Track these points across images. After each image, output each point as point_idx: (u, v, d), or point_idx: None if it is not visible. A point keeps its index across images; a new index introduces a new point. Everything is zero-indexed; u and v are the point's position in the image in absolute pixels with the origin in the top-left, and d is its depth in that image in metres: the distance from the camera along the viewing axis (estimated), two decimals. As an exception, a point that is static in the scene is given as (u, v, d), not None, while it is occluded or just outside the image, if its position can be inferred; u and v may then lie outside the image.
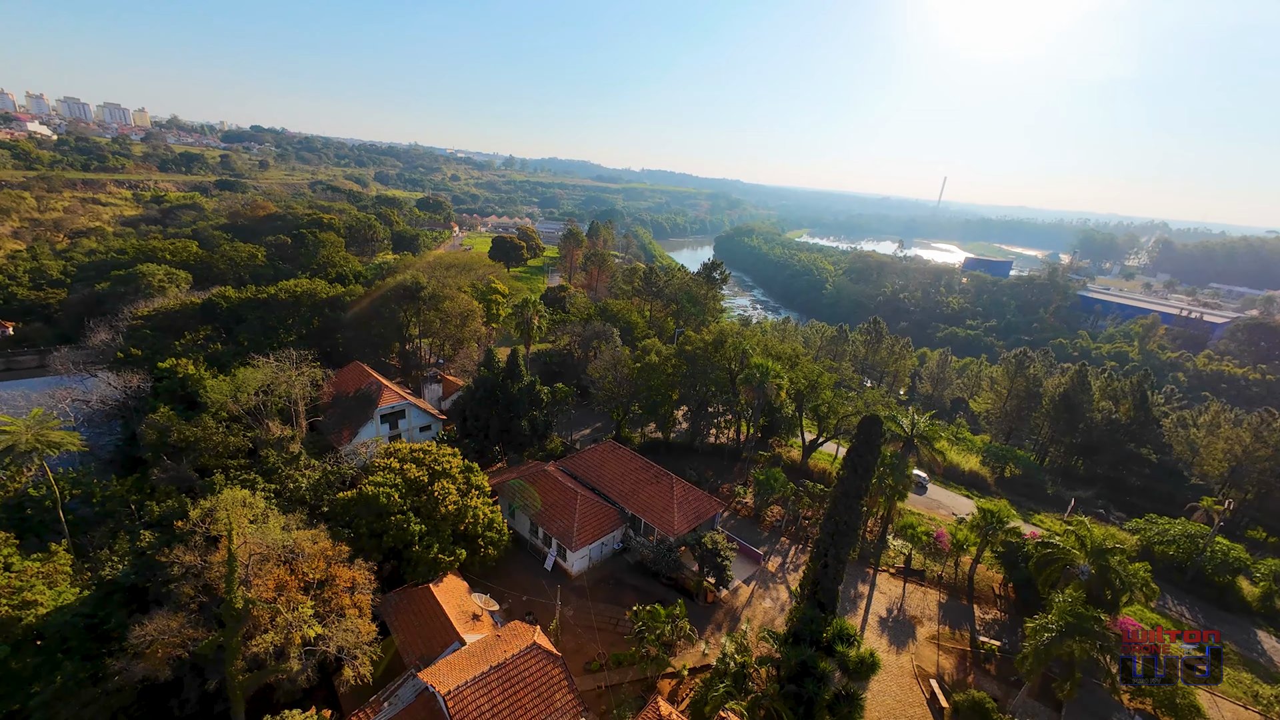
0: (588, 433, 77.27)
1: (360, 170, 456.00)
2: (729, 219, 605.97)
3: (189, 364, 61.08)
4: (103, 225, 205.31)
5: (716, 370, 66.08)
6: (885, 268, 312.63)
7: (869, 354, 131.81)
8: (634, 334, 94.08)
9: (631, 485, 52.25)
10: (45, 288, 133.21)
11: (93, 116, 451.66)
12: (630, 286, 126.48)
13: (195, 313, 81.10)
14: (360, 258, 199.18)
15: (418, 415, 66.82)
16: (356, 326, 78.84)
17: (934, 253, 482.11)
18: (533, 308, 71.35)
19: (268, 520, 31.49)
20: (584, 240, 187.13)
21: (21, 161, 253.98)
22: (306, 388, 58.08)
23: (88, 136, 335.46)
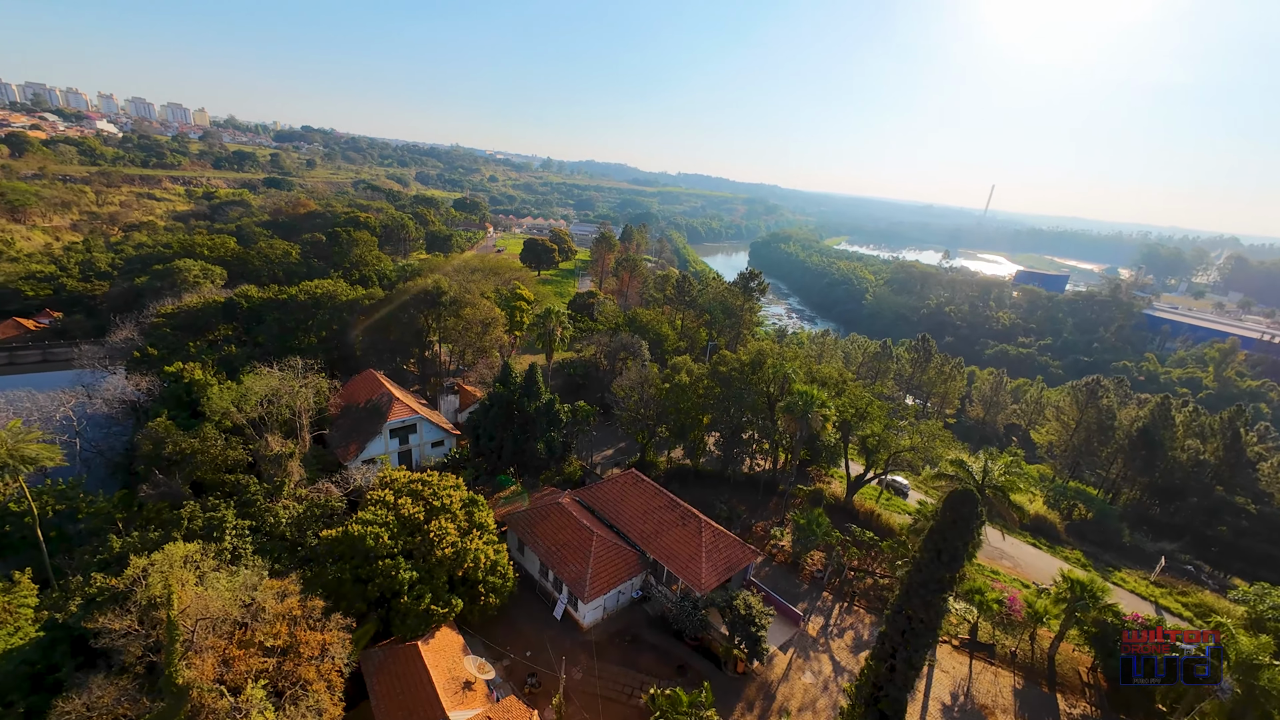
0: (610, 453, 71.54)
1: (402, 170, 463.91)
2: (765, 224, 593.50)
3: (196, 368, 58.05)
4: (154, 220, 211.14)
5: (753, 394, 59.40)
6: (930, 279, 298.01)
7: (916, 373, 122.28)
8: (663, 347, 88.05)
9: (655, 526, 46.14)
10: (93, 279, 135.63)
11: (156, 116, 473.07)
12: (662, 294, 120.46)
13: (217, 312, 78.97)
14: (394, 257, 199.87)
15: (430, 430, 62.33)
16: (375, 331, 75.23)
17: (980, 264, 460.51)
18: (556, 318, 66.25)
19: (221, 578, 26.68)
20: (616, 244, 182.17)
21: (87, 158, 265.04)
22: (310, 399, 54.13)
23: (150, 135, 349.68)
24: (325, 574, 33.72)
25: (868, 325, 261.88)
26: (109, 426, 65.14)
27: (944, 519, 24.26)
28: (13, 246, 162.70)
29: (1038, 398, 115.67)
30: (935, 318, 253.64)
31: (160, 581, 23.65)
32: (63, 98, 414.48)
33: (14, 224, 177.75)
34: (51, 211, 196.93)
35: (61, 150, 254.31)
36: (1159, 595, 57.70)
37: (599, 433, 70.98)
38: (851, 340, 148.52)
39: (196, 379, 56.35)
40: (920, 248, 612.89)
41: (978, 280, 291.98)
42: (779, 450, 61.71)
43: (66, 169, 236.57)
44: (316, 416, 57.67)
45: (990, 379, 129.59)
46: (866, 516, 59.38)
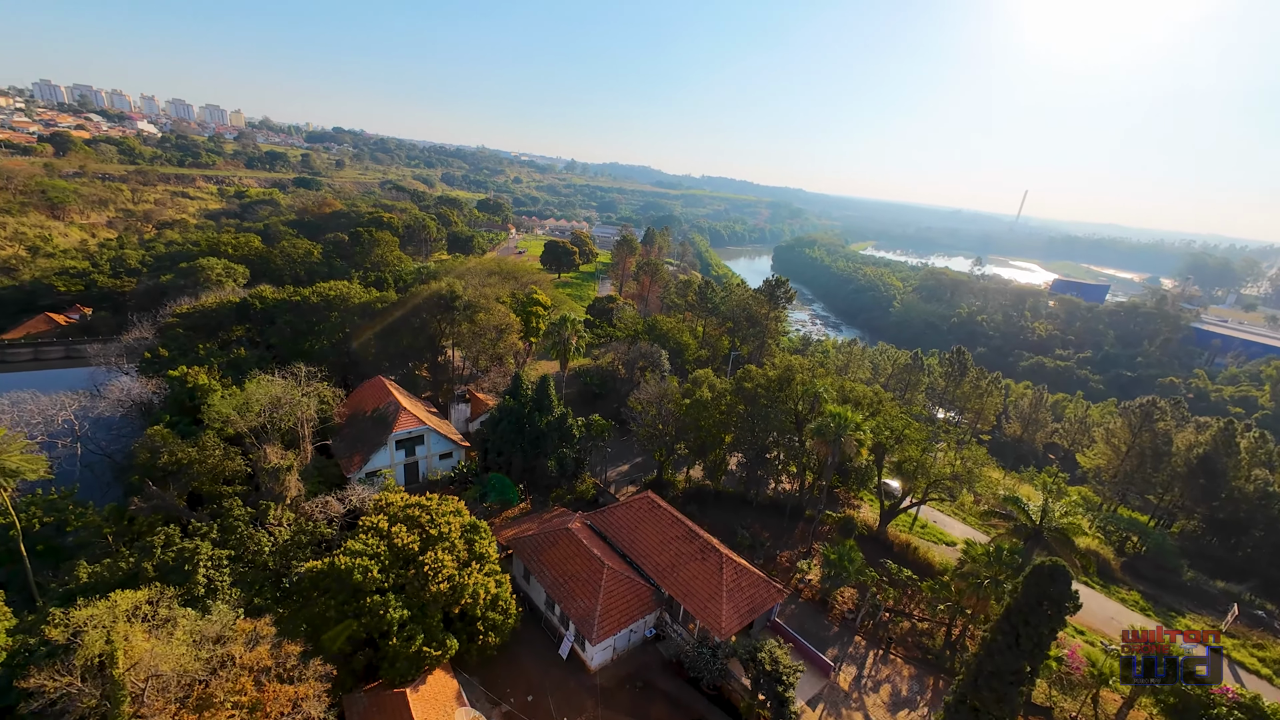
0: (625, 469, 67.77)
1: (428, 171, 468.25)
2: (789, 228, 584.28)
3: (200, 373, 56.11)
4: (186, 218, 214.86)
5: (780, 414, 55.05)
6: (960, 286, 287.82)
7: (949, 387, 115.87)
8: (684, 356, 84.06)
9: (671, 559, 42.21)
10: (122, 276, 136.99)
11: (195, 117, 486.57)
12: (683, 300, 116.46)
13: (231, 312, 77.61)
14: (416, 257, 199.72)
15: (437, 441, 59.40)
16: (386, 336, 72.81)
17: (1013, 271, 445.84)
18: (570, 327, 62.84)
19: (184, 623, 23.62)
20: (638, 247, 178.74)
21: (126, 157, 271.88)
22: (313, 409, 51.57)
23: (187, 135, 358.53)
24: (309, 610, 30.68)
25: (895, 333, 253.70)
26: (121, 428, 63.79)
27: (1026, 598, 19.88)
28: (50, 243, 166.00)
29: (1081, 416, 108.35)
30: (966, 327, 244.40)
31: (99, 639, 20.66)
32: (108, 99, 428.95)
33: (53, 220, 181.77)
34: (89, 209, 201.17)
35: (102, 149, 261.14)
36: (1231, 648, 51.63)
37: (615, 446, 67.33)
38: (880, 350, 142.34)
39: (200, 384, 54.37)
40: (949, 254, 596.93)
41: (1011, 289, 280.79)
42: (806, 473, 57.18)
43: (106, 167, 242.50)
44: (320, 426, 55.18)
45: (1030, 395, 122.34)
46: (902, 549, 54.46)
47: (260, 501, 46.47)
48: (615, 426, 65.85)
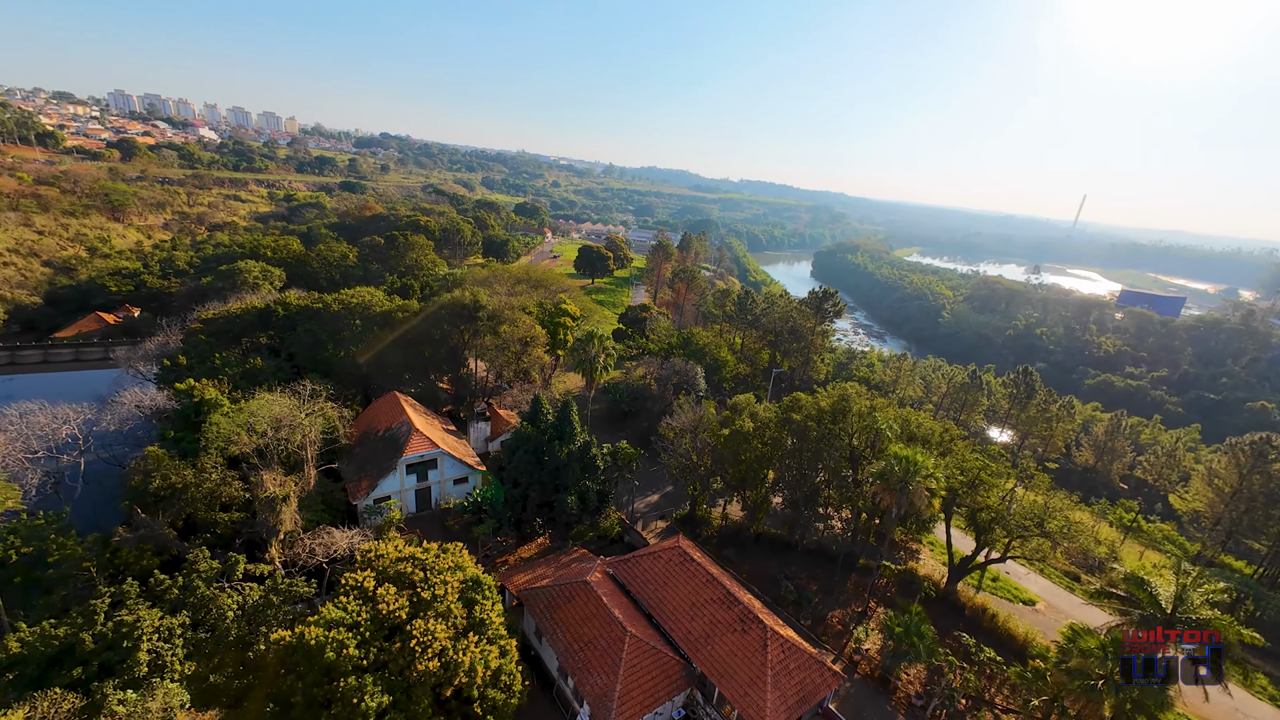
0: (655, 499, 61.46)
1: (469, 175, 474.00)
2: (830, 233, 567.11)
3: (208, 386, 52.91)
4: (237, 220, 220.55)
5: (834, 451, 47.78)
6: (1016, 296, 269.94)
7: (1013, 409, 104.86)
8: (721, 373, 77.21)
9: (705, 626, 35.70)
10: (171, 277, 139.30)
11: (252, 124, 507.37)
12: (720, 311, 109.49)
13: (254, 319, 75.21)
14: (450, 260, 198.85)
15: (452, 466, 54.52)
16: (407, 347, 68.82)
17: (1072, 280, 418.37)
18: (598, 343, 57.10)
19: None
20: (674, 252, 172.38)
21: (185, 162, 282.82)
22: (317, 431, 47.34)
23: (244, 141, 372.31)
24: (274, 691, 25.67)
25: (944, 345, 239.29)
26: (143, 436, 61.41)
27: None
28: (108, 244, 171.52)
29: (1170, 448, 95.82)
30: (1023, 340, 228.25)
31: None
32: (174, 107, 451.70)
33: (113, 222, 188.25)
34: (148, 211, 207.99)
35: (164, 155, 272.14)
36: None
37: (644, 472, 61.08)
38: (933, 366, 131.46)
39: (206, 398, 51.06)
40: (1000, 261, 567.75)
41: (1073, 299, 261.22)
42: (860, 515, 49.58)
43: (166, 172, 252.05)
44: (326, 448, 51.02)
45: (1105, 421, 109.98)
46: (975, 614, 46.25)
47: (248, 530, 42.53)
48: (645, 453, 59.62)
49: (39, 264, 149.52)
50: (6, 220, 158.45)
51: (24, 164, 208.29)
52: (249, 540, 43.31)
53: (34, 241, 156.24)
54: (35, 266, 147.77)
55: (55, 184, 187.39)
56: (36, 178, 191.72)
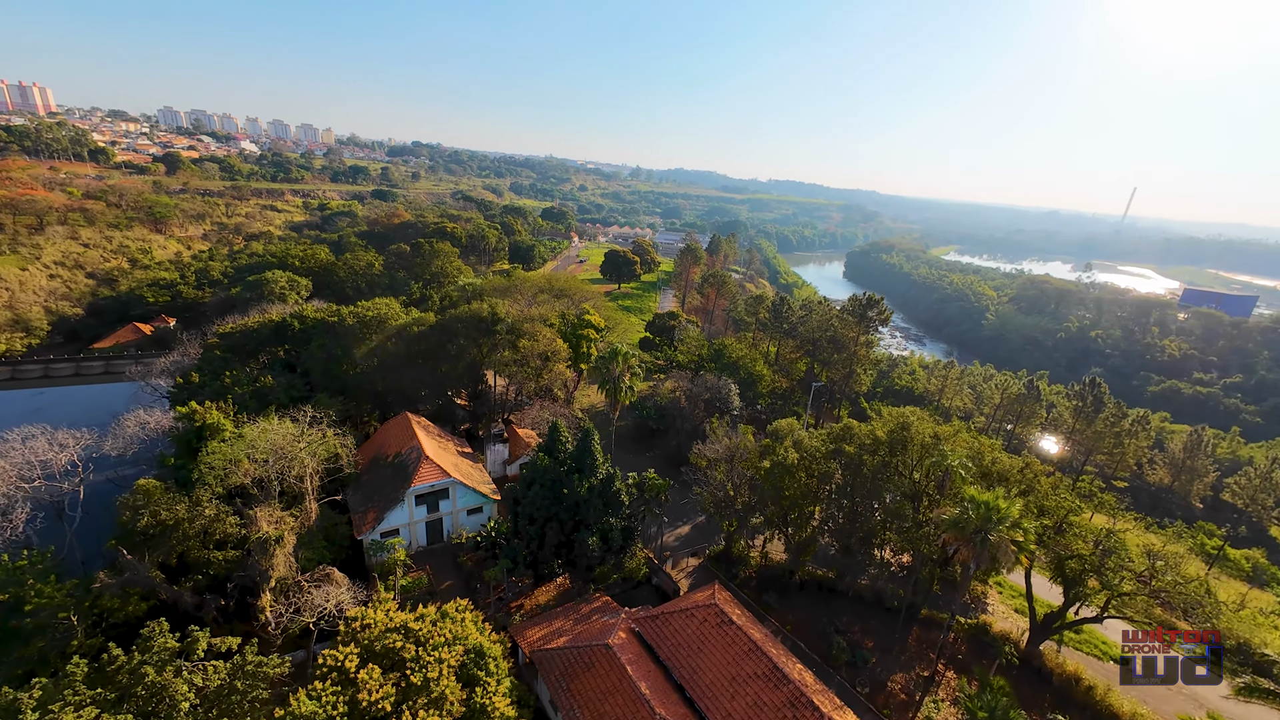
0: (685, 531, 55.80)
1: (498, 180, 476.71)
2: (862, 233, 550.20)
3: (211, 409, 49.81)
4: (272, 229, 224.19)
5: (893, 486, 41.34)
6: (1067, 296, 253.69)
7: (1078, 423, 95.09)
8: (756, 389, 71.04)
9: (748, 709, 29.93)
10: (205, 287, 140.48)
11: (291, 136, 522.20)
12: (754, 319, 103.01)
13: (270, 333, 72.75)
14: (478, 267, 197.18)
15: (464, 495, 50.07)
16: (422, 362, 64.96)
17: (1124, 278, 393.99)
18: (622, 361, 51.76)
19: None
20: (702, 256, 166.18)
21: (226, 174, 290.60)
22: (317, 463, 43.42)
23: (282, 152, 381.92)
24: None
25: (989, 349, 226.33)
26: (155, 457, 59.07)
27: None
28: (149, 255, 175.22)
29: (1266, 470, 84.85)
30: (1077, 344, 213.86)
31: None
32: (219, 122, 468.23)
33: (154, 234, 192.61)
34: (188, 222, 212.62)
35: (206, 167, 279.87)
36: None
37: (674, 497, 55.57)
38: (983, 375, 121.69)
39: (208, 423, 47.92)
40: (1045, 259, 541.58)
41: (1130, 299, 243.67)
42: (926, 566, 42.80)
43: (207, 184, 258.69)
44: (331, 477, 47.15)
45: (1184, 436, 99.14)
46: (1067, 684, 39.01)
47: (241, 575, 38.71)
48: (674, 483, 54.03)
49: (83, 276, 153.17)
50: (55, 234, 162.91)
51: (75, 179, 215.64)
52: (243, 584, 39.60)
53: (79, 254, 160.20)
54: (79, 278, 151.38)
55: (102, 198, 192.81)
56: (85, 192, 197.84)
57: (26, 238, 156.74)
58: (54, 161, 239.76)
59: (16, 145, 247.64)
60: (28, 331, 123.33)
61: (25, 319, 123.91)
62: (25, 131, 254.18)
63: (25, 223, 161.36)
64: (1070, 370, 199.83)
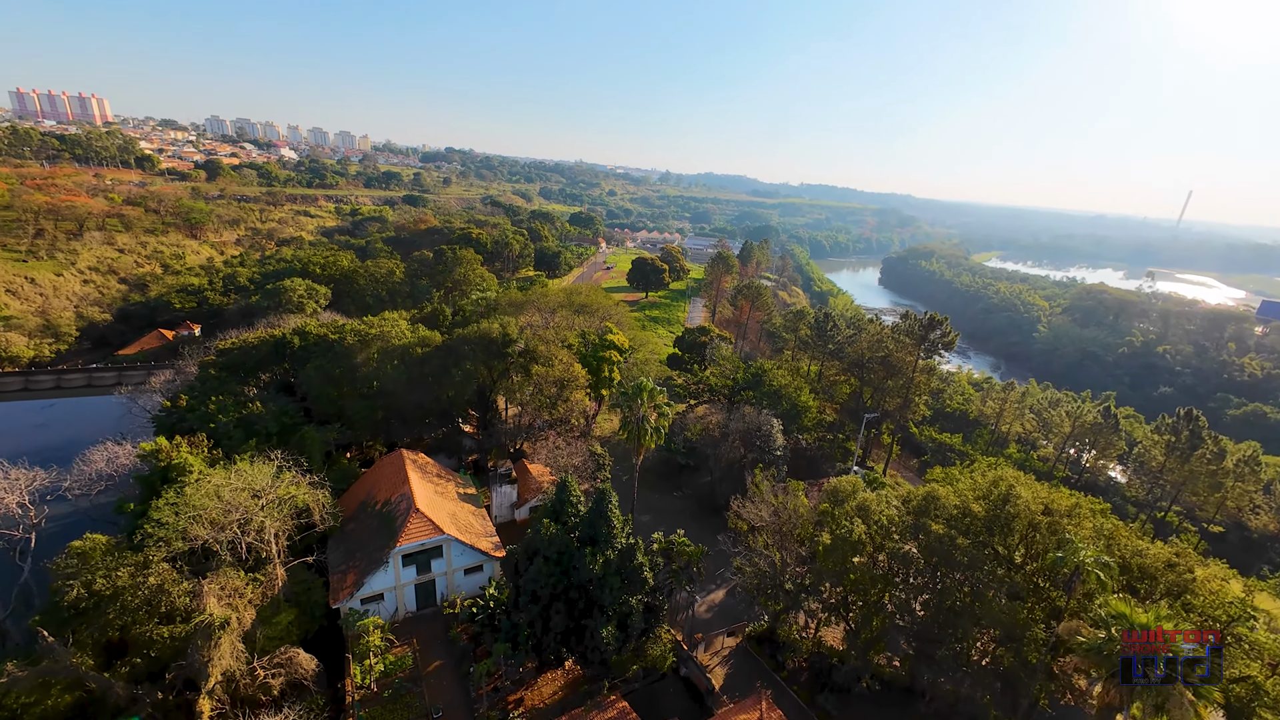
0: (718, 597, 46.91)
1: (528, 186, 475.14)
2: (899, 238, 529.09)
3: (182, 447, 43.51)
4: (304, 235, 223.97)
5: (993, 577, 31.76)
6: (1127, 307, 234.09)
7: (1169, 462, 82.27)
8: (801, 421, 61.68)
9: None
10: (231, 294, 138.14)
11: (329, 143, 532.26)
12: (793, 336, 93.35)
13: (269, 351, 66.95)
14: (504, 273, 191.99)
15: (461, 553, 42.41)
16: (427, 386, 57.99)
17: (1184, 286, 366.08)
18: (647, 398, 43.04)
19: None
20: (734, 264, 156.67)
21: (264, 180, 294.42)
22: (283, 521, 36.32)
23: (319, 159, 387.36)
24: None
25: (1041, 364, 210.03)
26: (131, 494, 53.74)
27: None
28: (181, 260, 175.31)
29: None
30: (1141, 359, 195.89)
31: None
32: (262, 130, 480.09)
33: (189, 239, 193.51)
34: (223, 227, 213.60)
35: (244, 174, 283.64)
36: None
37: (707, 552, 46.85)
38: (1051, 400, 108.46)
39: (176, 463, 41.57)
40: (1095, 265, 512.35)
41: (1200, 312, 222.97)
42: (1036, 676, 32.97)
43: (244, 190, 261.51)
44: (303, 534, 39.98)
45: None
46: None
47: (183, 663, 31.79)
48: (706, 528, 45.22)
49: (115, 281, 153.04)
50: (92, 240, 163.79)
51: (118, 185, 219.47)
52: (186, 673, 32.71)
53: (113, 259, 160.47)
54: (112, 283, 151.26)
55: (142, 204, 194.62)
56: (126, 198, 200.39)
57: (64, 243, 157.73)
58: (100, 169, 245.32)
59: (68, 153, 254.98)
60: (56, 337, 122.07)
61: (55, 324, 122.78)
62: (76, 140, 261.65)
63: (65, 228, 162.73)
64: (1134, 389, 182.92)
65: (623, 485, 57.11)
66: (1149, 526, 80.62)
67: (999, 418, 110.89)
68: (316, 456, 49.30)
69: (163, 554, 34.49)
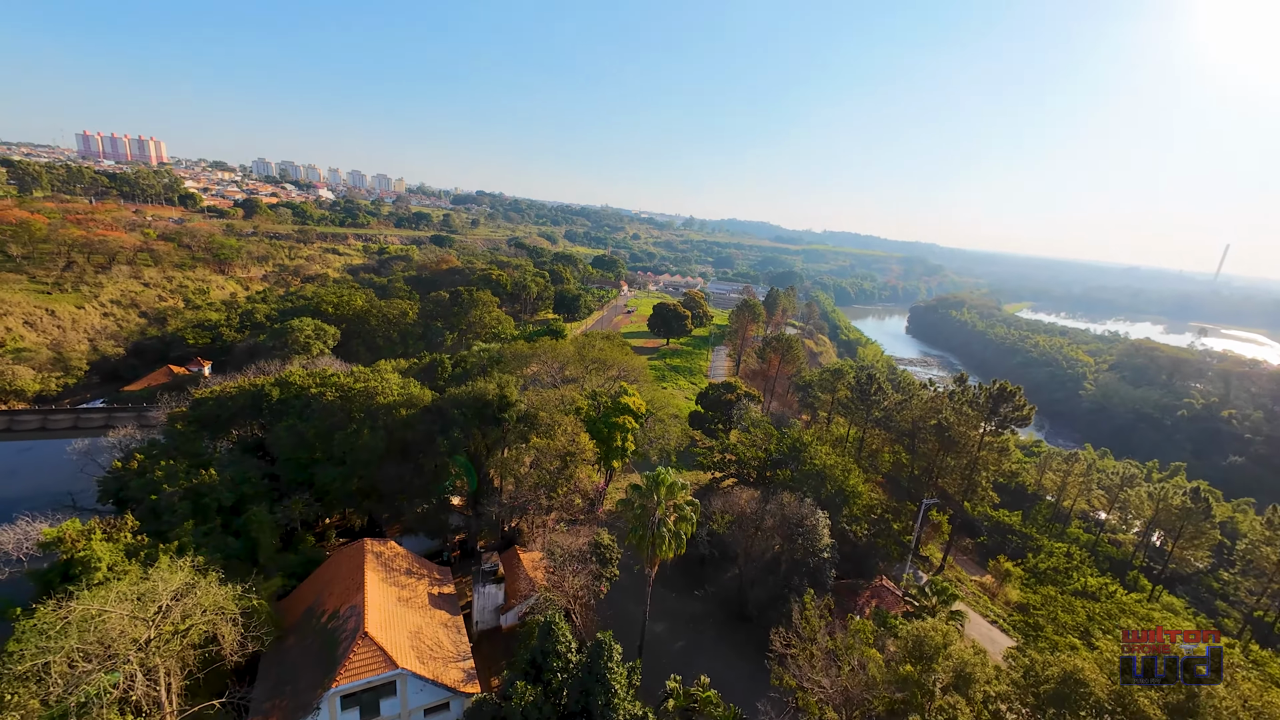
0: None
1: (553, 228, 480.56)
2: (925, 286, 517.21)
3: (96, 533, 35.43)
4: (330, 272, 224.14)
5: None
6: (1182, 366, 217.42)
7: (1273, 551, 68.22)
8: (850, 508, 51.11)
9: None
10: (246, 329, 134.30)
11: (366, 184, 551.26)
12: (829, 395, 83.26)
13: (246, 403, 59.65)
14: (523, 315, 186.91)
15: (420, 689, 32.62)
16: (411, 454, 49.63)
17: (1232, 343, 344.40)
18: (665, 494, 33.38)
19: None
20: (761, 313, 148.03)
21: (299, 219, 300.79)
22: (188, 652, 27.37)
23: (354, 200, 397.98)
24: None
25: (1089, 425, 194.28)
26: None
27: None
28: (205, 295, 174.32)
29: None
30: (1203, 424, 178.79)
31: None
32: (304, 172, 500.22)
33: (216, 275, 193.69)
34: (252, 264, 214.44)
35: (280, 212, 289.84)
36: None
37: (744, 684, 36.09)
38: (1124, 475, 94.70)
39: (80, 557, 33.38)
40: (1133, 318, 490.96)
41: (1266, 373, 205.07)
42: None
43: (277, 227, 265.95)
44: (213, 666, 30.82)
45: None
46: None
47: None
48: (738, 651, 34.58)
49: (136, 314, 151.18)
50: (120, 273, 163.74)
51: (157, 221, 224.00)
52: None
53: (136, 293, 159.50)
54: (132, 317, 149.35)
55: (176, 239, 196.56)
56: (161, 234, 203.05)
57: (91, 276, 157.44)
58: (143, 205, 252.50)
59: (115, 190, 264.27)
60: (66, 371, 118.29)
61: (66, 358, 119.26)
62: (124, 178, 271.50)
63: (96, 262, 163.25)
64: (1199, 457, 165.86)
65: (635, 577, 47.09)
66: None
67: (1061, 492, 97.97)
68: (267, 542, 40.73)
69: (23, 695, 25.70)
